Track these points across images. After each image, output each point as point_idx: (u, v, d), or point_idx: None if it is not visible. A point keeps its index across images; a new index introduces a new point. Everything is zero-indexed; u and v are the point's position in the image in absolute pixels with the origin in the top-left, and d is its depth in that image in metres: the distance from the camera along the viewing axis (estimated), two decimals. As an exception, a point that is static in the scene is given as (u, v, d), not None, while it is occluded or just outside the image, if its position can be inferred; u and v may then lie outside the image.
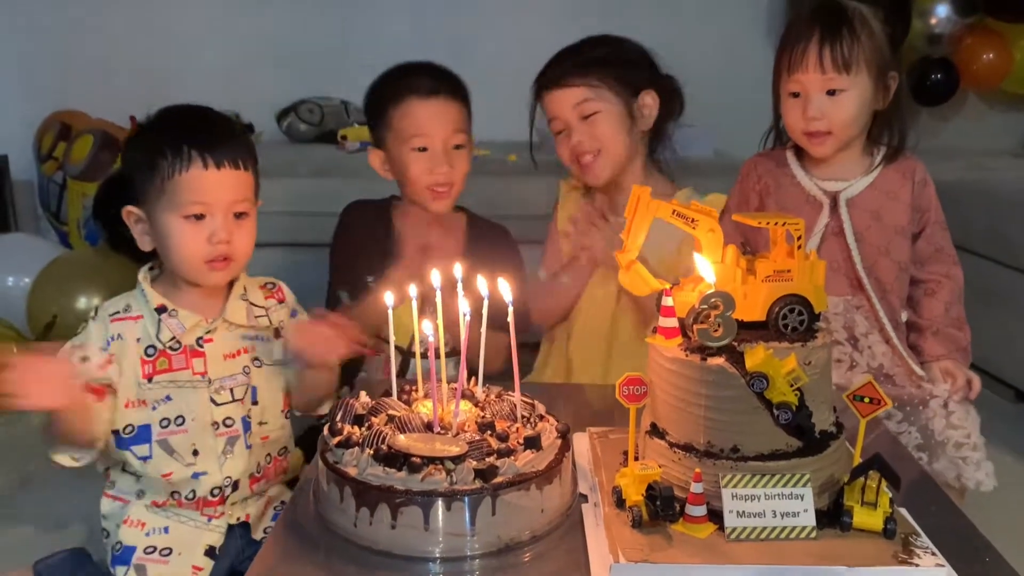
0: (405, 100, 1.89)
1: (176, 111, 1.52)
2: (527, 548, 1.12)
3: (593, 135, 1.87)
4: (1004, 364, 2.69)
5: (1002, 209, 2.66)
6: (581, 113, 1.88)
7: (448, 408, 1.23)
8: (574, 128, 1.88)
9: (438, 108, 1.89)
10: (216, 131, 1.48)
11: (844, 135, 1.77)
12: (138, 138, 1.53)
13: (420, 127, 1.88)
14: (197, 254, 1.44)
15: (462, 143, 1.92)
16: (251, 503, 1.54)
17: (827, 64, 1.71)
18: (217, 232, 1.43)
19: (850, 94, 1.73)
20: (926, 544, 1.09)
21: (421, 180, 1.90)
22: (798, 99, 1.76)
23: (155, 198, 1.44)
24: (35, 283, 2.58)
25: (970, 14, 3.44)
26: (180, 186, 1.42)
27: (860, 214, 1.80)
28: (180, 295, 1.50)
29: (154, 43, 3.45)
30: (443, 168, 1.88)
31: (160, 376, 1.46)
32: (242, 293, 1.54)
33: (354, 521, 1.12)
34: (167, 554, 1.46)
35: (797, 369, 1.10)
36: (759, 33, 3.68)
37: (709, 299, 1.11)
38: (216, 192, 1.44)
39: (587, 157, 1.88)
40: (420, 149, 1.89)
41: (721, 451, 1.13)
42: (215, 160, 1.43)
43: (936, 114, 3.65)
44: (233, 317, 1.52)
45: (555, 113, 1.91)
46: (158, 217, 1.45)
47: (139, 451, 1.47)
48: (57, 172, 3.19)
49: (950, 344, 1.83)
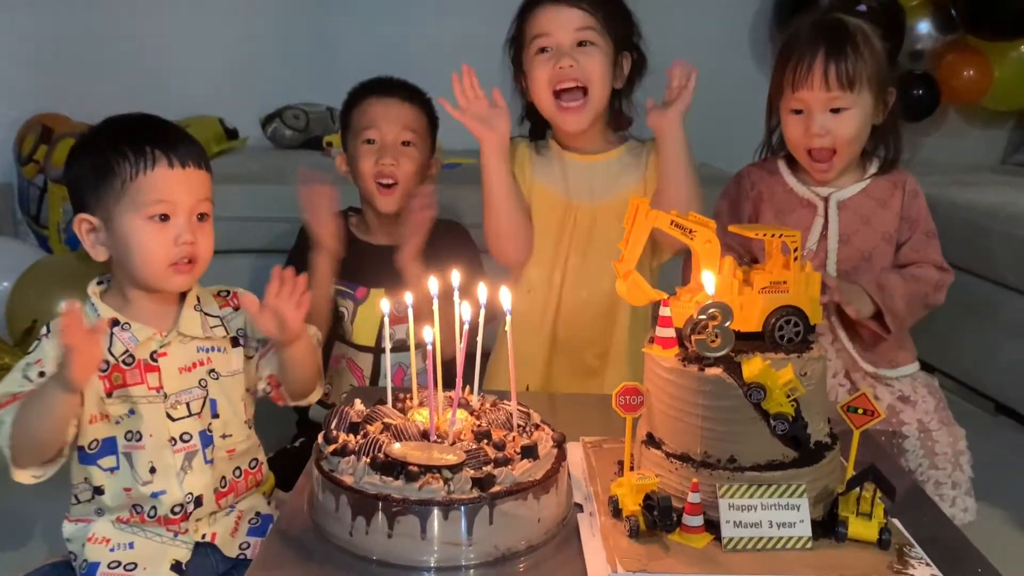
0: (364, 100, 2.05)
1: (125, 118, 1.49)
2: (523, 558, 1.12)
3: (583, 67, 1.76)
4: (984, 376, 2.71)
5: (982, 223, 2.69)
6: (579, 38, 1.76)
7: (444, 417, 1.22)
8: (565, 52, 1.76)
9: (391, 105, 2.02)
10: (173, 132, 1.46)
11: (848, 153, 1.78)
12: (89, 144, 1.47)
13: (371, 120, 2.01)
14: (162, 257, 1.41)
15: (410, 140, 2.01)
16: (219, 519, 1.50)
17: (832, 82, 1.71)
18: (183, 233, 1.41)
19: (853, 112, 1.74)
20: (920, 555, 1.10)
21: (368, 172, 1.99)
22: (800, 116, 1.76)
23: (114, 202, 1.40)
24: (14, 288, 2.54)
25: (951, 31, 3.49)
26: (144, 187, 1.39)
27: (850, 217, 1.81)
28: (131, 308, 1.46)
29: (138, 47, 3.42)
30: (388, 159, 1.97)
31: (116, 391, 1.42)
32: (195, 304, 1.50)
33: (350, 530, 1.11)
34: (132, 569, 1.41)
35: (794, 380, 1.11)
36: (742, 46, 3.71)
37: (707, 309, 1.12)
38: (180, 192, 1.41)
39: (570, 88, 1.76)
40: (369, 141, 2.01)
41: (718, 461, 1.13)
42: (179, 159, 1.41)
43: (917, 129, 3.69)
44: (187, 329, 1.47)
45: (548, 29, 1.77)
46: (118, 222, 1.41)
47: (105, 463, 1.43)
48: (38, 175, 3.16)
49: (880, 287, 1.74)
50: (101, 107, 1.55)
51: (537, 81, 1.80)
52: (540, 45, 1.79)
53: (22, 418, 1.34)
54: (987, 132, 3.85)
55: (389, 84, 2.07)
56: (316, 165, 3.01)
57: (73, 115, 3.21)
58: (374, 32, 3.54)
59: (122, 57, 3.40)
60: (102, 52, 3.40)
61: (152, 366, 1.44)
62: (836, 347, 1.82)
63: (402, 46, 3.48)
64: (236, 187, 2.68)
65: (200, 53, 3.45)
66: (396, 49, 3.47)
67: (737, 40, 3.71)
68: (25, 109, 3.28)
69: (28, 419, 1.34)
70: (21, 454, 1.37)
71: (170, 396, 1.44)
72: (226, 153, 3.19)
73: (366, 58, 3.06)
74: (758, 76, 3.49)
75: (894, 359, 1.83)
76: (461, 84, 1.76)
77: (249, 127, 3.39)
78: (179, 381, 1.45)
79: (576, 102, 1.78)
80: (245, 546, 1.49)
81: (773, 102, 1.85)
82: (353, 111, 2.06)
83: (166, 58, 3.44)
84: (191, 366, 1.47)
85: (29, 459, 1.38)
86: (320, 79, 3.44)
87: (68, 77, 3.36)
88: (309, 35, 3.54)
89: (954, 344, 2.78)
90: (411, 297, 1.31)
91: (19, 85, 3.34)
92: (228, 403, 1.50)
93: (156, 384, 1.44)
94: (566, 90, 1.78)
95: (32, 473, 1.39)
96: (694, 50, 3.35)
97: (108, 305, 1.46)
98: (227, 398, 1.50)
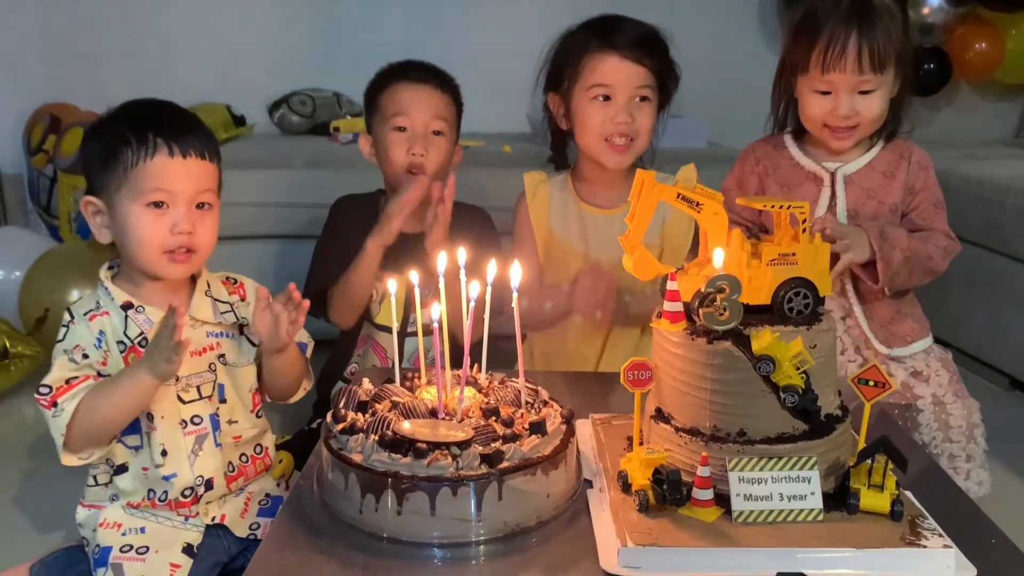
0: (393, 84, 1.99)
1: (139, 103, 1.50)
2: (533, 533, 1.12)
3: (637, 122, 1.82)
4: (998, 351, 2.69)
5: (995, 197, 2.67)
6: (638, 95, 1.82)
7: (452, 394, 1.22)
8: (623, 107, 1.81)
9: (422, 93, 1.97)
10: (181, 121, 1.47)
11: (870, 129, 1.78)
12: (99, 129, 1.49)
13: (402, 107, 1.96)
14: (156, 243, 1.42)
15: (441, 130, 1.97)
16: (229, 500, 1.51)
17: (865, 65, 1.70)
18: (179, 223, 1.42)
19: (880, 92, 1.74)
20: (933, 526, 1.09)
21: (399, 161, 1.95)
22: (826, 97, 1.74)
23: (116, 187, 1.42)
24: (26, 277, 2.56)
25: (962, 4, 3.45)
26: (143, 174, 1.40)
27: (856, 191, 1.80)
28: (142, 292, 1.47)
29: (145, 35, 3.41)
30: (419, 149, 1.94)
31: None
32: (206, 289, 1.52)
33: (359, 508, 1.11)
34: (143, 552, 1.43)
35: (804, 352, 1.10)
36: (752, 25, 3.68)
37: (715, 282, 1.11)
38: (180, 181, 1.42)
39: (620, 140, 1.82)
40: (400, 129, 1.96)
41: (727, 435, 1.13)
42: (181, 149, 1.42)
43: (929, 104, 3.66)
44: (199, 314, 1.49)
45: (611, 81, 1.81)
46: (119, 207, 1.42)
47: (131, 441, 1.45)
48: (47, 165, 3.16)
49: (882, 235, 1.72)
50: (109, 96, 1.55)
51: (589, 124, 1.84)
52: (600, 93, 1.83)
53: (93, 404, 1.37)
54: (999, 106, 3.81)
55: (421, 69, 2.01)
56: (323, 151, 3.03)
57: (81, 105, 3.21)
58: (380, 17, 3.53)
59: (129, 46, 3.40)
60: (110, 42, 3.39)
61: None
62: (848, 323, 1.81)
63: (409, 29, 3.48)
64: (243, 173, 2.67)
65: (207, 41, 3.44)
66: (403, 32, 3.47)
67: (745, 20, 3.68)
68: (33, 99, 3.28)
69: (100, 405, 1.37)
70: (80, 438, 1.39)
71: (182, 379, 1.45)
72: (233, 140, 3.18)
73: (372, 43, 3.06)
74: (768, 54, 3.46)
75: (908, 335, 1.82)
76: None
77: (256, 114, 3.38)
78: (191, 364, 1.46)
79: (622, 141, 1.83)
80: (255, 527, 1.50)
81: (785, 78, 1.82)
82: (382, 94, 2.00)
83: (173, 46, 3.43)
84: (202, 350, 1.49)
85: (86, 443, 1.40)
86: (326, 65, 3.44)
87: (76, 67, 3.35)
88: (315, 21, 3.53)
89: (968, 319, 2.76)
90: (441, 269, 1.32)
91: (27, 75, 3.34)
92: (234, 390, 1.52)
93: None
94: None
95: (80, 456, 1.41)
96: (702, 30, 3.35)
97: (121, 289, 1.47)
98: (234, 384, 1.52)
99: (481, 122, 2.51)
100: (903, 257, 1.71)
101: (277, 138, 3.34)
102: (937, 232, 1.79)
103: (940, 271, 1.79)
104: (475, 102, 2.09)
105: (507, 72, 2.06)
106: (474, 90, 2.08)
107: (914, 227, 1.80)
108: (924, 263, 1.76)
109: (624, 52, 1.81)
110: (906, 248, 1.72)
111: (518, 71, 2.01)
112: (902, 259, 1.71)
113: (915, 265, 1.75)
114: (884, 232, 1.72)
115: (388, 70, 2.03)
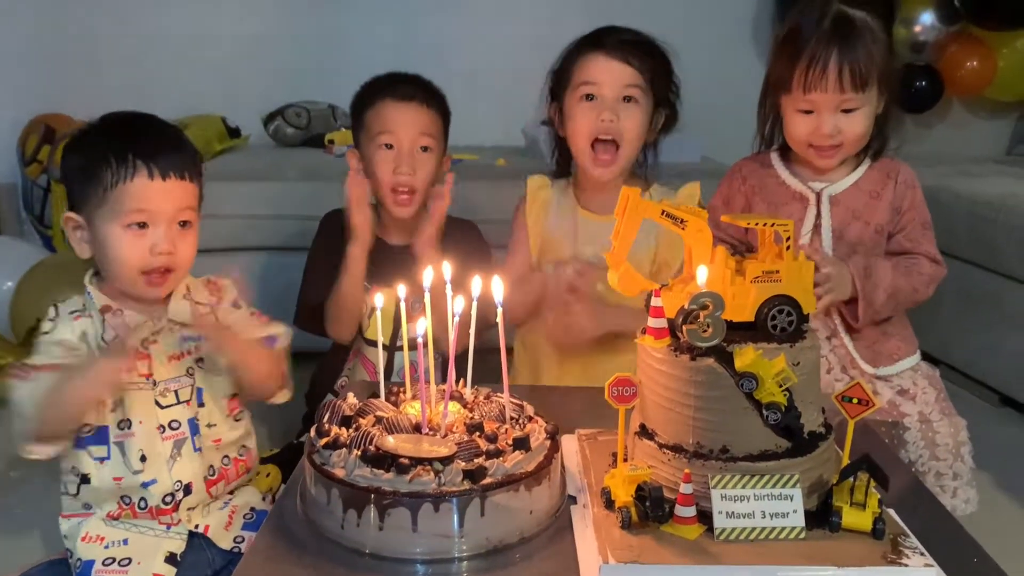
0: (379, 102, 1.97)
1: (121, 117, 1.50)
2: (516, 549, 1.11)
3: (622, 123, 1.81)
4: (988, 368, 2.70)
5: (987, 214, 2.67)
6: (625, 94, 1.82)
7: (436, 409, 1.22)
8: (608, 106, 1.81)
9: (409, 110, 1.96)
10: (161, 140, 1.47)
11: (854, 147, 1.79)
12: (80, 141, 1.50)
13: (387, 124, 1.95)
14: (135, 264, 1.43)
15: (428, 146, 1.97)
16: (213, 511, 1.51)
17: (846, 84, 1.70)
18: (159, 243, 1.43)
19: (864, 110, 1.74)
20: (915, 544, 1.09)
21: (385, 180, 1.95)
22: (809, 116, 1.75)
23: (96, 205, 1.43)
24: (19, 287, 2.55)
25: (954, 22, 3.47)
26: (123, 195, 1.41)
27: (842, 212, 1.80)
28: (124, 299, 1.49)
29: (140, 46, 3.42)
30: (405, 168, 1.93)
31: None
32: (185, 293, 1.53)
33: (341, 523, 1.11)
34: (126, 564, 1.42)
35: (787, 370, 1.10)
36: (745, 41, 3.70)
37: (699, 299, 1.11)
38: (160, 202, 1.43)
39: (606, 138, 1.81)
40: (387, 146, 1.95)
41: (710, 452, 1.13)
42: (160, 170, 1.42)
43: (920, 121, 3.67)
44: (177, 316, 1.50)
45: (597, 80, 1.81)
46: (98, 225, 1.44)
47: (97, 452, 1.45)
48: (41, 175, 3.17)
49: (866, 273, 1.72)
50: (103, 107, 1.55)
51: (577, 127, 1.85)
52: (586, 92, 1.83)
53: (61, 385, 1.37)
54: (991, 123, 3.83)
55: (405, 83, 2.00)
56: (317, 163, 3.03)
57: (75, 115, 3.21)
58: (376, 29, 3.54)
59: (124, 57, 3.41)
60: (104, 52, 3.40)
61: (143, 354, 1.46)
62: (834, 343, 1.81)
63: (404, 43, 3.49)
64: (238, 185, 2.68)
65: (202, 52, 3.45)
66: (398, 46, 3.48)
67: (740, 35, 3.69)
68: (28, 109, 3.29)
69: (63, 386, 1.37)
70: (47, 421, 1.39)
71: (159, 384, 1.46)
72: (228, 151, 3.19)
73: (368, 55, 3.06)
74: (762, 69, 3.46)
75: (895, 353, 1.82)
76: None
77: (251, 125, 3.39)
78: (168, 369, 1.48)
79: (608, 155, 1.83)
80: (239, 540, 1.50)
81: (770, 96, 1.83)
82: (368, 111, 1.99)
83: (168, 57, 3.44)
84: (180, 355, 1.50)
85: (53, 426, 1.40)
86: (322, 77, 3.45)
87: (70, 77, 3.36)
88: (311, 33, 3.54)
89: (958, 336, 2.77)
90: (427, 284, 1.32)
91: (21, 85, 3.34)
92: (212, 393, 1.52)
93: (146, 371, 1.46)
94: (601, 141, 1.83)
95: (38, 448, 1.41)
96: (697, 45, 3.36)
97: (103, 293, 1.48)
98: (211, 388, 1.53)
99: (475, 135, 2.52)
100: (886, 296, 1.73)
101: (272, 150, 3.35)
102: (922, 258, 1.80)
103: (926, 299, 1.81)
104: (470, 116, 2.10)
105: (502, 86, 2.07)
106: (469, 103, 2.09)
107: (901, 249, 1.81)
108: (909, 296, 1.78)
109: (610, 51, 1.82)
110: (889, 286, 1.74)
111: (513, 85, 2.02)
112: (885, 298, 1.73)
113: (900, 300, 1.77)
114: (868, 269, 1.73)
115: (373, 85, 2.02)
